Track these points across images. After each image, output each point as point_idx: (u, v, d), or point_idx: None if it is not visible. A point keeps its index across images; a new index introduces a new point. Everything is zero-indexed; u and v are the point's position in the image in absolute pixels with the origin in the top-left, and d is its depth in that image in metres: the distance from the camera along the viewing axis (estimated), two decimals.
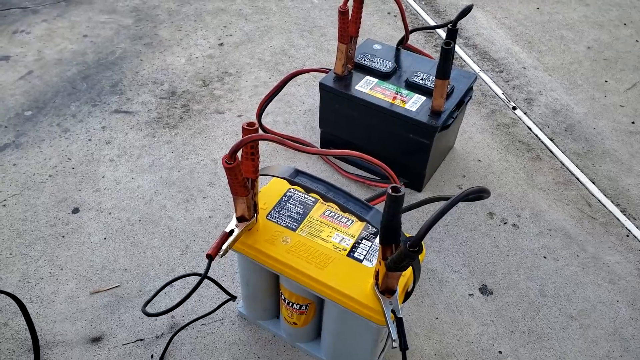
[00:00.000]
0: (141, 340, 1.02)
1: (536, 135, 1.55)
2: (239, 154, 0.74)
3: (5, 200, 1.30)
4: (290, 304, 0.91)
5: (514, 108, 1.65)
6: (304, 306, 0.90)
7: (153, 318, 1.06)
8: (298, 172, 0.83)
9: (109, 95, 1.63)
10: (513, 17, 2.10)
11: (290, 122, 1.56)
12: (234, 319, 1.07)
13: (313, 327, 0.98)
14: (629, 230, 1.28)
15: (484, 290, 1.14)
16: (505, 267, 1.18)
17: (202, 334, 1.04)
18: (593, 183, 1.40)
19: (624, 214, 1.32)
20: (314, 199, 0.93)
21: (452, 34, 1.08)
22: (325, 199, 0.80)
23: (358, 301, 0.78)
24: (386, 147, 1.29)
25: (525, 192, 1.37)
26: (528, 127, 1.58)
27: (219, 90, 1.66)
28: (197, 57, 1.81)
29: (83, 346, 1.01)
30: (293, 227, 0.88)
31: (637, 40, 1.99)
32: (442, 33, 1.98)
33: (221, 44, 1.87)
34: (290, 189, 0.95)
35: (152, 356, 1.00)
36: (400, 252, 0.64)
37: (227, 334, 1.04)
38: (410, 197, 1.33)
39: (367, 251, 0.85)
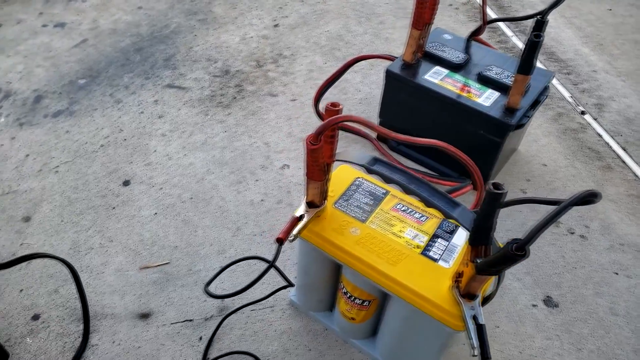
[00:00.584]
0: (190, 320, 0.99)
1: (607, 143, 1.46)
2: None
3: (57, 166, 1.28)
4: (352, 298, 0.86)
5: (583, 113, 1.55)
6: (367, 302, 0.85)
7: (202, 299, 1.02)
8: (376, 160, 0.78)
9: (162, 69, 1.60)
10: (583, 17, 1.99)
11: (346, 110, 1.50)
12: (284, 307, 1.03)
13: (370, 324, 0.93)
14: None
15: (549, 302, 1.07)
16: (571, 279, 1.11)
17: (252, 320, 1.00)
18: None
19: None
20: (384, 191, 0.87)
21: (541, 25, 1.01)
22: (407, 190, 0.74)
23: (434, 303, 0.72)
24: (451, 143, 1.21)
25: None
26: (598, 134, 1.49)
27: (272, 72, 1.62)
28: (251, 37, 1.76)
29: (131, 321, 0.98)
30: (362, 218, 0.83)
31: None
32: (505, 29, 1.89)
33: (276, 25, 1.83)
34: (358, 177, 0.89)
35: (200, 338, 0.96)
36: (501, 255, 0.58)
37: (278, 322, 1.00)
38: (470, 197, 1.26)
39: (443, 251, 0.79)
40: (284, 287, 0.98)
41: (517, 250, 0.56)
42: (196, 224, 1.16)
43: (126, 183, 1.25)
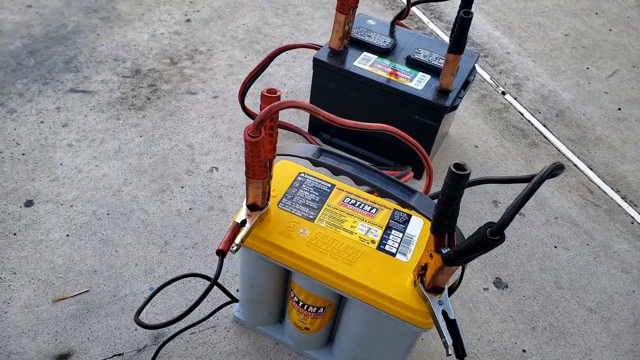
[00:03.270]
0: (119, 355, 0.86)
1: (529, 121, 1.50)
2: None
3: None
4: (305, 306, 0.78)
5: (504, 93, 1.59)
6: (322, 309, 0.78)
7: (132, 328, 0.89)
8: (322, 151, 0.71)
9: (62, 73, 1.42)
10: (490, 3, 2.06)
11: None
12: (228, 325, 0.92)
13: (326, 332, 0.86)
14: (633, 218, 1.24)
15: (499, 283, 1.06)
16: (517, 258, 1.11)
17: (192, 345, 0.89)
18: (591, 169, 1.36)
19: (625, 201, 1.28)
20: (329, 185, 0.80)
21: (470, 2, 0.99)
22: (358, 181, 0.67)
23: (398, 302, 0.67)
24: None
25: None
26: (520, 112, 1.52)
27: (189, 69, 1.49)
28: (162, 34, 1.62)
29: None
30: (310, 216, 0.75)
31: (610, 30, 2.00)
32: (421, 16, 1.90)
33: (188, 20, 1.70)
34: (301, 172, 0.81)
35: None
36: (474, 242, 0.53)
37: (222, 343, 0.90)
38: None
39: (399, 243, 0.73)
40: (227, 304, 0.88)
41: (493, 235, 0.52)
42: (116, 242, 1.02)
43: (29, 204, 1.08)
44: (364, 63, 1.15)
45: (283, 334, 0.90)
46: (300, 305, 0.79)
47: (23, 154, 1.18)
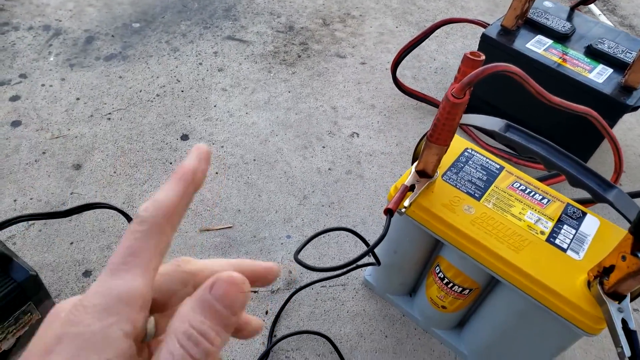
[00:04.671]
0: (254, 292, 0.90)
1: None
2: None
3: (110, 113, 1.18)
4: (450, 284, 0.75)
5: None
6: (467, 290, 0.75)
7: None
8: (509, 126, 0.66)
9: (221, 20, 1.48)
10: None
11: (420, 78, 1.38)
12: (357, 286, 0.93)
13: (460, 315, 0.82)
14: None
15: None
16: None
17: (322, 298, 0.90)
18: None
19: None
20: (497, 165, 0.76)
21: None
22: (549, 164, 0.62)
23: (566, 299, 0.61)
24: (549, 122, 1.09)
25: None
26: None
27: (340, 32, 1.49)
28: None
29: None
30: (476, 194, 0.71)
31: None
32: (592, 6, 1.73)
33: None
34: (468, 148, 0.78)
35: (266, 312, 0.87)
36: None
37: (350, 302, 0.90)
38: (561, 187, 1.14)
39: (571, 239, 0.68)
40: (368, 265, 0.88)
41: None
42: (260, 187, 1.06)
43: (184, 137, 1.15)
44: (537, 46, 1.07)
45: (412, 308, 0.88)
46: (444, 282, 0.76)
47: (182, 91, 1.26)
